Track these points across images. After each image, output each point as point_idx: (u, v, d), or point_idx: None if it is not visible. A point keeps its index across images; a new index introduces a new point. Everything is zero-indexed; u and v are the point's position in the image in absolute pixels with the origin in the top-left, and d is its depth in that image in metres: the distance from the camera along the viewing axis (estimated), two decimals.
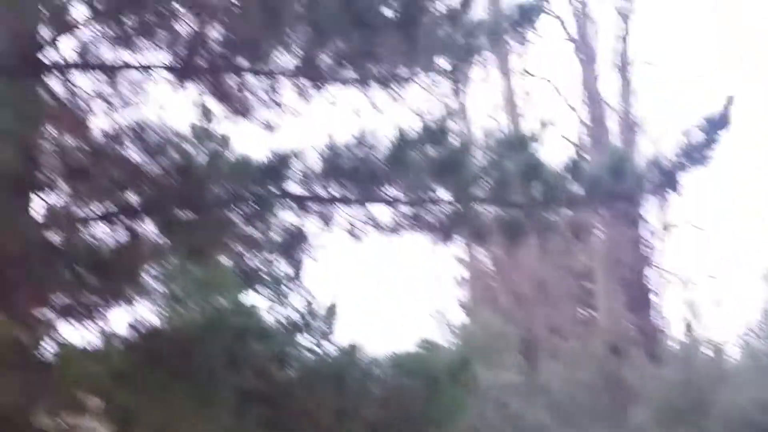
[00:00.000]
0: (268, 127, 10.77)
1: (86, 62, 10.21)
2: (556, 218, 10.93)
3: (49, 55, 10.08)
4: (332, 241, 10.92)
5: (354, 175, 10.40)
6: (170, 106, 10.67)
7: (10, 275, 9.44)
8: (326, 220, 10.69)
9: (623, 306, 27.08)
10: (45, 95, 10.14)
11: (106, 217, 10.32)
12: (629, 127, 28.46)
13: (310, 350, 11.37)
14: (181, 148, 10.36)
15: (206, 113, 10.75)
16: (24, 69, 9.50)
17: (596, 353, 24.43)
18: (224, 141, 10.37)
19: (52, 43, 9.95)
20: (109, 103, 10.47)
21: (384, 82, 10.36)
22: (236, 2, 9.59)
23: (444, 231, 10.89)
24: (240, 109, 10.70)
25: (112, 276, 10.12)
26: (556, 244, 16.74)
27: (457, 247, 23.88)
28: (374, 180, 10.43)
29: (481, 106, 30.55)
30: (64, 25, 9.77)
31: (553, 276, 27.45)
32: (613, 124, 28.88)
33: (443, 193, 10.63)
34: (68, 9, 9.57)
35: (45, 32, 9.90)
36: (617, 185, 10.77)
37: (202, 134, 10.48)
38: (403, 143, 10.33)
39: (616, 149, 22.46)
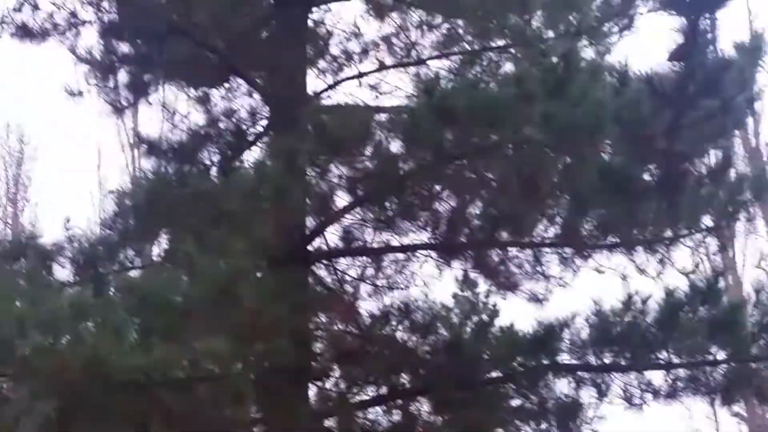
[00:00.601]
0: (535, 298, 10.73)
1: (350, 248, 10.45)
2: None
3: (315, 244, 10.36)
4: (609, 409, 10.68)
5: (625, 341, 10.16)
6: (434, 282, 10.79)
7: None
8: (600, 388, 10.46)
9: None
10: (314, 283, 10.40)
11: (380, 400, 10.39)
12: None
13: None
14: (448, 324, 10.39)
15: (471, 288, 10.79)
16: (293, 259, 9.76)
17: None
18: (491, 314, 10.34)
19: (318, 232, 10.22)
20: (374, 285, 10.66)
21: (649, 246, 10.20)
22: (494, 178, 9.65)
23: (723, 392, 10.49)
24: (505, 282, 10.72)
25: None
26: None
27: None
28: (646, 345, 10.17)
29: (749, 259, 29.69)
30: (328, 215, 10.03)
31: None
32: None
33: (719, 353, 10.28)
34: (332, 199, 9.83)
35: (311, 222, 10.20)
36: None
37: (468, 309, 10.50)
38: (672, 305, 10.08)
39: None
